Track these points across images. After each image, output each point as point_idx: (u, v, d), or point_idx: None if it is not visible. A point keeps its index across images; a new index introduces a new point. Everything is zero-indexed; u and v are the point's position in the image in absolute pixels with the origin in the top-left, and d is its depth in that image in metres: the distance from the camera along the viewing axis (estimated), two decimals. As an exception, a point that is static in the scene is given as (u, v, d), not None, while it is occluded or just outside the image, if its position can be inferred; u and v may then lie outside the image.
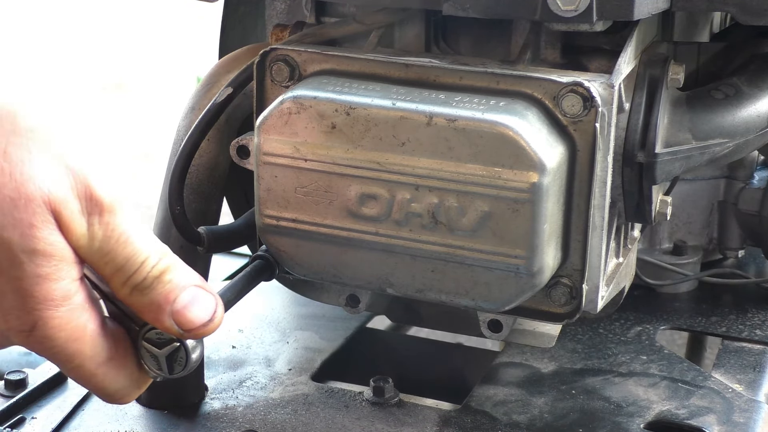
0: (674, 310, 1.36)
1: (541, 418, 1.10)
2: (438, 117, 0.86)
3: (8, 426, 1.08)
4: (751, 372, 1.20)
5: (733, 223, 1.38)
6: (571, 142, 0.88)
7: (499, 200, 0.85)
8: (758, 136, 1.05)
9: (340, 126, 0.88)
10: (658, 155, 0.96)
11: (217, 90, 1.04)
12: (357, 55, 0.94)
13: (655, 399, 1.13)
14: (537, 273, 0.87)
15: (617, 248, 1.02)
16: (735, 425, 1.08)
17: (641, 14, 0.89)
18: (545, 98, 0.88)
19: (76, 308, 0.72)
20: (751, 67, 1.09)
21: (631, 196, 0.97)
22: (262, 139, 0.91)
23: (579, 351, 1.24)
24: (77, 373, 0.75)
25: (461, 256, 0.88)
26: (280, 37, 1.03)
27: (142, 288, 0.74)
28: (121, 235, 0.73)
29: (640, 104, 0.96)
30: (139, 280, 0.73)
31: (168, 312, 0.74)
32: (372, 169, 0.88)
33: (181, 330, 0.74)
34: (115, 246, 0.73)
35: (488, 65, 0.91)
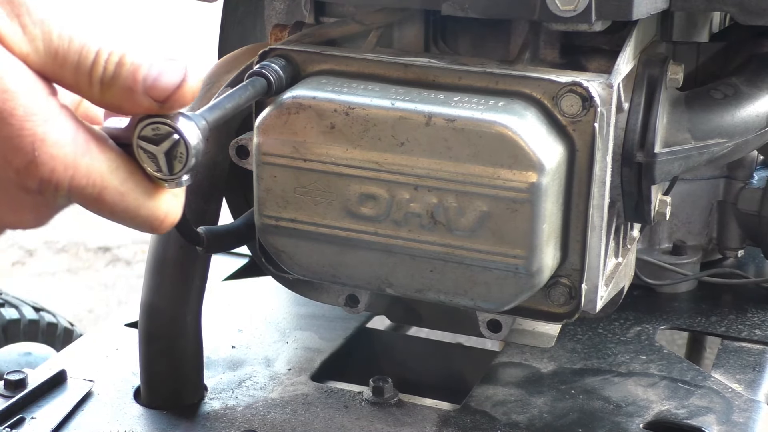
0: (674, 309, 1.36)
1: (540, 417, 1.10)
2: (437, 117, 0.86)
3: (8, 426, 1.08)
4: (751, 372, 1.20)
5: (733, 223, 1.38)
6: (570, 142, 0.88)
7: (498, 200, 0.85)
8: (757, 136, 1.05)
9: (339, 126, 0.88)
10: (657, 155, 0.96)
11: (216, 90, 1.04)
12: (356, 55, 0.94)
13: (655, 399, 1.13)
14: (536, 273, 0.87)
15: (616, 248, 1.02)
16: (734, 425, 1.08)
17: (640, 14, 0.89)
18: (544, 98, 0.88)
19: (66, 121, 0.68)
20: (750, 67, 1.09)
21: (630, 196, 0.97)
22: (262, 140, 0.91)
23: (578, 351, 1.24)
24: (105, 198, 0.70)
25: (460, 256, 0.88)
26: (279, 37, 1.03)
27: (107, 78, 0.69)
28: (61, 30, 0.69)
29: (639, 104, 0.96)
30: (101, 71, 0.69)
31: (140, 91, 0.70)
32: (371, 169, 0.88)
33: (159, 102, 0.70)
34: (60, 42, 0.68)
35: (487, 65, 0.91)
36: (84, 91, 0.70)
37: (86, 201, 0.70)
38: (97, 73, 0.69)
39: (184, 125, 0.72)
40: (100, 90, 0.70)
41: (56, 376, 1.16)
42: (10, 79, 0.66)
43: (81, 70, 0.69)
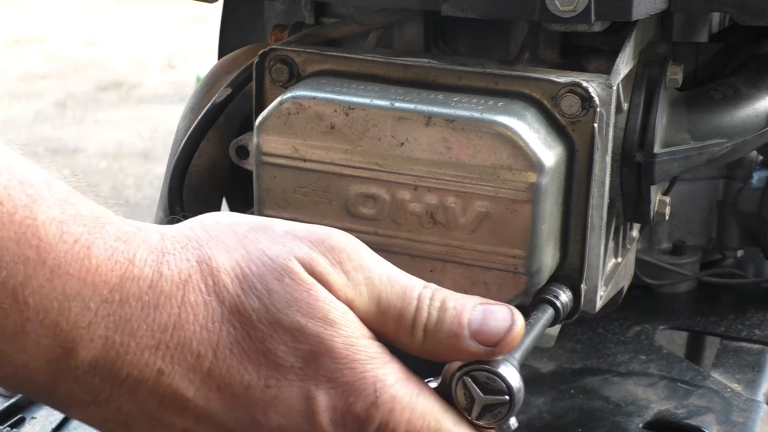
0: (673, 309, 1.36)
1: (540, 417, 1.10)
2: (437, 117, 0.86)
3: (8, 426, 1.08)
4: (750, 372, 1.20)
5: (732, 223, 1.38)
6: (570, 143, 0.88)
7: (497, 200, 0.85)
8: (757, 136, 1.05)
9: (339, 126, 0.88)
10: (656, 155, 0.96)
11: (216, 90, 1.04)
12: (356, 56, 0.94)
13: (654, 398, 1.13)
14: (535, 273, 0.87)
15: (616, 248, 1.02)
16: (734, 425, 1.08)
17: (640, 15, 0.89)
18: (544, 98, 0.88)
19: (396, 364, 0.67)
20: (750, 67, 1.10)
21: (629, 196, 0.97)
22: (262, 140, 0.91)
23: (578, 351, 1.24)
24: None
25: (460, 256, 0.88)
26: (279, 38, 1.03)
27: (432, 326, 0.67)
28: (381, 275, 0.68)
29: (639, 104, 0.96)
30: (425, 317, 0.67)
31: (467, 336, 0.67)
32: (371, 169, 0.88)
33: (489, 347, 0.67)
34: (381, 287, 0.67)
35: (487, 66, 0.91)
36: (404, 338, 0.68)
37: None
38: (420, 319, 0.68)
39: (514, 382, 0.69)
40: (424, 338, 0.68)
41: (56, 375, 1.16)
42: (348, 326, 0.65)
43: (404, 316, 0.68)
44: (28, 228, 0.59)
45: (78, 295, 0.60)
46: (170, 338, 0.63)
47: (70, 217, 0.61)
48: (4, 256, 0.58)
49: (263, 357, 0.64)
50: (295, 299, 0.64)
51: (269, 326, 0.64)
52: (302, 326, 0.64)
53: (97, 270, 0.61)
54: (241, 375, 0.64)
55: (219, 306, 0.64)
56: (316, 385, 0.64)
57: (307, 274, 0.65)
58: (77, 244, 0.61)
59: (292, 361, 0.64)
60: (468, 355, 0.68)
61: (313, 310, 0.65)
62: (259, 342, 0.64)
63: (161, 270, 0.63)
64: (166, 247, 0.65)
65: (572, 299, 0.91)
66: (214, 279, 0.64)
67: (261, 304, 0.64)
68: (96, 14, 6.47)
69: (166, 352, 0.63)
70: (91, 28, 6.13)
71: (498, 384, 0.69)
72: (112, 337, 0.61)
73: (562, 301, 0.90)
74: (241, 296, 0.64)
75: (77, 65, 5.43)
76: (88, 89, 5.04)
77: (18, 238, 0.59)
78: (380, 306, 0.68)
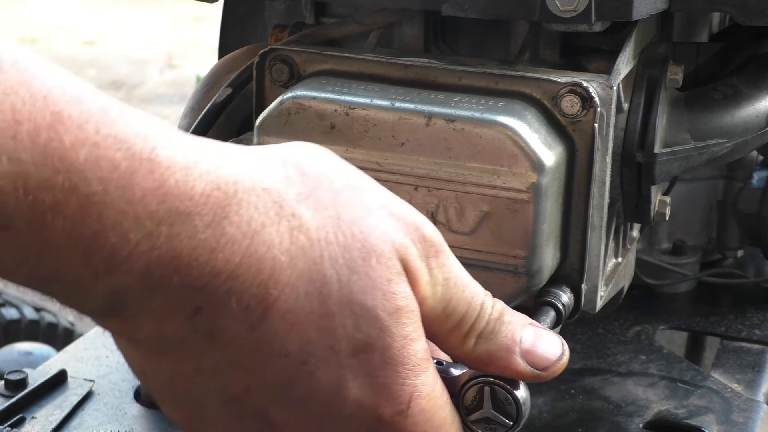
0: (673, 309, 1.36)
1: (540, 417, 1.10)
2: (437, 117, 0.86)
3: (8, 426, 1.08)
4: (750, 372, 1.20)
5: (732, 223, 1.38)
6: (570, 143, 0.88)
7: (497, 200, 0.85)
8: (757, 136, 1.05)
9: (339, 126, 0.88)
10: (656, 155, 0.96)
11: (216, 90, 1.04)
12: (356, 56, 0.94)
13: (654, 398, 1.14)
14: (536, 273, 0.87)
15: (616, 248, 1.02)
16: (734, 425, 1.08)
17: (640, 15, 0.89)
18: (544, 98, 0.88)
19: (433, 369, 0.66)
20: (750, 67, 1.10)
21: (630, 196, 0.97)
22: (262, 140, 0.91)
23: (578, 351, 1.24)
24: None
25: (460, 255, 0.88)
26: (279, 38, 1.03)
27: (487, 334, 0.67)
28: (457, 278, 0.66)
29: (639, 104, 0.96)
30: (483, 325, 0.66)
31: (518, 353, 0.67)
32: (371, 170, 0.88)
33: (536, 370, 0.67)
34: (455, 290, 0.66)
35: (487, 66, 0.91)
36: (455, 341, 0.67)
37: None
38: (479, 326, 0.66)
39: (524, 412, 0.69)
40: (475, 343, 0.67)
41: (56, 376, 1.16)
42: (411, 325, 0.63)
43: (465, 321, 0.66)
44: (54, 151, 0.53)
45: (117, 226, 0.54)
46: (220, 284, 0.57)
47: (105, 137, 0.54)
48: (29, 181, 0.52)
49: (315, 333, 0.60)
50: (374, 285, 0.61)
51: (337, 304, 0.60)
52: (370, 315, 0.61)
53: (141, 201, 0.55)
54: (283, 343, 0.60)
55: (289, 268, 0.59)
56: (353, 378, 0.62)
57: (395, 260, 0.62)
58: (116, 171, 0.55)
59: (343, 345, 0.61)
60: (514, 371, 0.68)
61: (387, 302, 0.61)
62: (318, 316, 0.60)
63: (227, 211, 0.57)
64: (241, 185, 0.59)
65: (573, 300, 0.91)
66: (293, 237, 0.59)
67: (337, 279, 0.60)
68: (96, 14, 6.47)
69: (211, 294, 0.57)
70: (91, 28, 6.13)
71: (511, 409, 0.69)
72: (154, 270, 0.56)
73: (564, 303, 0.90)
74: (318, 264, 0.60)
75: (77, 65, 5.43)
76: (88, 89, 5.04)
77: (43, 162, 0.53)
78: (447, 309, 0.66)
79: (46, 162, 0.53)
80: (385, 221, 0.63)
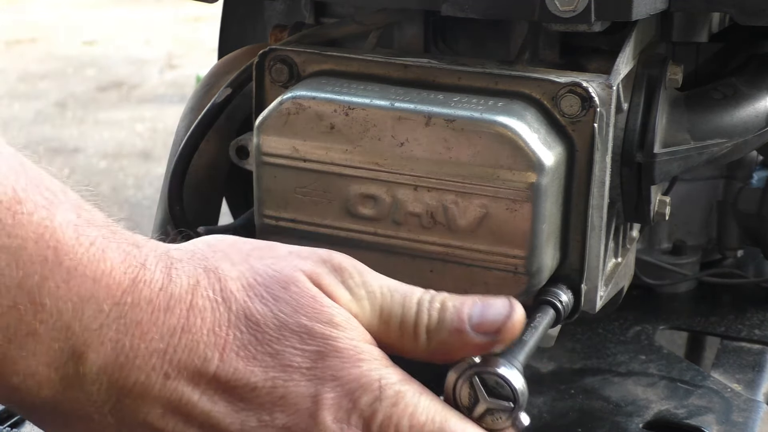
0: (673, 309, 1.36)
1: (540, 417, 1.10)
2: (437, 117, 0.86)
3: (8, 426, 1.08)
4: (750, 372, 1.20)
5: (732, 223, 1.38)
6: (570, 143, 0.88)
7: (497, 200, 0.85)
8: (757, 136, 1.05)
9: (339, 126, 0.88)
10: (656, 155, 0.96)
11: (216, 90, 1.04)
12: (356, 56, 0.94)
13: (654, 398, 1.14)
14: (535, 273, 0.87)
15: (616, 248, 1.02)
16: (734, 425, 1.08)
17: (639, 15, 0.89)
18: (544, 98, 0.88)
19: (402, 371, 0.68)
20: (750, 67, 1.10)
21: (629, 196, 0.97)
22: (262, 140, 0.91)
23: (578, 351, 1.24)
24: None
25: (460, 256, 0.88)
26: (279, 38, 1.03)
27: (433, 325, 0.69)
28: (381, 287, 0.70)
29: (639, 104, 0.96)
30: (425, 319, 0.69)
31: (469, 330, 0.69)
32: (371, 170, 0.88)
33: (492, 336, 0.69)
34: (382, 299, 0.69)
35: (487, 66, 0.91)
36: (408, 344, 0.70)
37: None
38: (422, 321, 0.69)
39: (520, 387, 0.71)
40: (427, 339, 0.69)
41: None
42: (353, 330, 0.67)
43: (406, 321, 0.69)
44: (46, 229, 0.60)
45: (92, 297, 0.61)
46: (178, 342, 0.63)
47: (85, 221, 0.62)
48: (22, 256, 0.59)
49: (270, 358, 0.65)
50: (301, 305, 0.66)
51: (276, 329, 0.65)
52: (309, 328, 0.65)
53: (111, 272, 0.62)
54: (248, 377, 0.64)
55: (226, 311, 0.65)
56: (323, 384, 0.65)
57: (312, 284, 0.67)
58: (93, 246, 0.62)
59: (300, 361, 0.65)
60: (473, 347, 0.69)
61: (319, 315, 0.66)
62: (266, 344, 0.65)
63: (171, 275, 0.65)
64: (174, 255, 0.66)
65: (573, 299, 0.92)
66: (222, 285, 0.66)
67: (268, 310, 0.66)
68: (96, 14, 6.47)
69: (173, 356, 0.63)
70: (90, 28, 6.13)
71: (505, 390, 0.70)
72: (123, 340, 0.62)
73: (563, 302, 0.90)
74: (248, 302, 0.66)
75: (77, 65, 5.43)
76: (88, 89, 5.04)
77: (36, 239, 0.59)
78: (382, 317, 0.69)
79: (39, 238, 0.60)
80: (293, 260, 0.69)
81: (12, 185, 0.59)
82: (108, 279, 0.62)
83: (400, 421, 0.66)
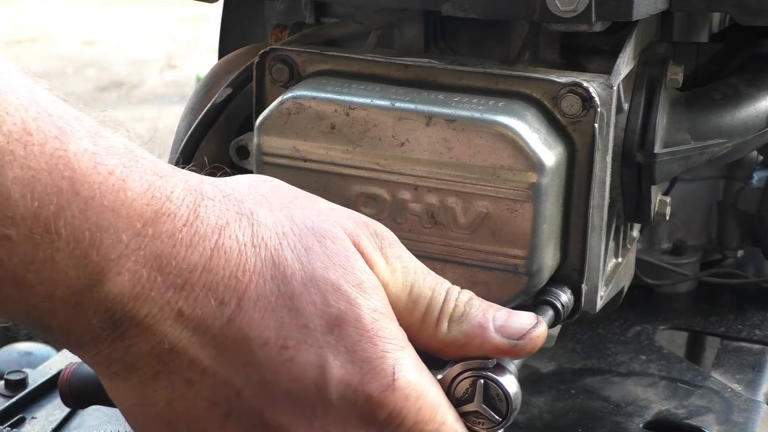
0: (673, 309, 1.36)
1: (540, 417, 1.10)
2: (437, 117, 0.86)
3: (8, 426, 1.08)
4: (750, 372, 1.20)
5: (733, 223, 1.38)
6: (570, 143, 0.88)
7: (498, 200, 0.85)
8: (757, 136, 1.05)
9: (340, 126, 0.88)
10: (657, 155, 0.96)
11: (216, 90, 1.04)
12: (356, 56, 0.94)
13: (654, 398, 1.14)
14: (536, 273, 0.87)
15: (616, 248, 1.02)
16: (734, 425, 1.08)
17: (640, 15, 0.89)
18: (544, 98, 0.88)
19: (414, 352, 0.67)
20: (750, 67, 1.10)
21: (630, 196, 0.97)
22: (262, 140, 0.91)
23: (578, 351, 1.24)
24: None
25: (461, 256, 0.88)
26: (279, 38, 1.03)
27: (458, 316, 0.69)
28: (416, 267, 0.69)
29: (639, 104, 0.96)
30: (452, 308, 0.69)
31: (492, 329, 0.69)
32: (371, 170, 0.88)
33: (514, 342, 0.69)
34: (416, 277, 0.69)
35: (487, 66, 0.91)
36: (428, 329, 0.69)
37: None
38: (448, 309, 0.69)
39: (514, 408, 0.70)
40: (449, 327, 0.69)
41: (56, 376, 1.16)
42: (379, 300, 0.65)
43: (433, 305, 0.69)
44: (60, 159, 0.58)
45: (111, 227, 0.59)
46: (197, 279, 0.61)
47: (103, 148, 0.60)
48: (36, 187, 0.57)
49: (288, 314, 0.63)
50: (333, 262, 0.64)
51: (302, 283, 0.63)
52: (336, 286, 0.64)
53: (132, 203, 0.59)
54: (260, 330, 0.62)
55: (254, 256, 0.63)
56: (334, 355, 0.63)
57: (350, 243, 0.66)
58: (112, 176, 0.59)
59: (317, 323, 0.63)
60: (492, 348, 0.69)
61: (349, 275, 0.64)
62: (287, 298, 0.63)
63: (198, 211, 0.62)
64: (206, 192, 0.63)
65: (573, 300, 0.92)
66: (254, 230, 0.63)
67: (298, 261, 0.63)
68: (95, 14, 6.47)
69: (190, 293, 0.61)
70: (90, 28, 6.13)
71: (501, 405, 0.69)
72: (140, 271, 0.60)
73: (563, 303, 0.90)
74: (279, 249, 0.63)
75: (77, 65, 5.43)
76: (88, 89, 5.04)
77: (50, 169, 0.57)
78: (411, 295, 0.69)
79: (53, 169, 0.57)
80: (335, 216, 0.68)
81: (21, 116, 0.57)
82: (128, 209, 0.59)
83: (407, 416, 0.65)
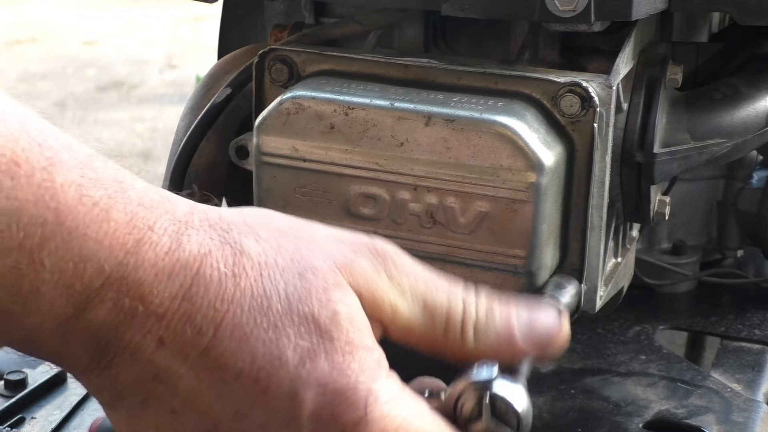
0: (673, 309, 1.36)
1: (540, 417, 1.10)
2: (436, 117, 0.86)
3: (8, 426, 1.08)
4: (750, 372, 1.20)
5: (732, 222, 1.38)
6: (570, 142, 0.88)
7: (497, 200, 0.86)
8: (757, 136, 1.05)
9: (339, 126, 0.88)
10: (656, 155, 0.96)
11: (216, 90, 1.04)
12: (356, 56, 0.94)
13: (654, 398, 1.14)
14: (535, 273, 0.87)
15: (616, 248, 1.02)
16: (734, 425, 1.08)
17: (639, 14, 0.89)
18: (543, 98, 0.88)
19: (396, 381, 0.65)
20: (750, 67, 1.10)
21: (629, 196, 0.97)
22: (261, 140, 0.91)
23: (578, 351, 1.24)
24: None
25: (460, 255, 0.89)
26: (279, 38, 1.03)
27: (482, 326, 0.67)
28: (425, 278, 0.67)
29: (639, 104, 0.96)
30: (473, 317, 0.67)
31: (520, 339, 0.68)
32: (371, 169, 0.88)
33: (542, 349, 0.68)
34: (426, 289, 0.67)
35: (487, 66, 0.91)
36: (454, 341, 0.67)
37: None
38: (470, 318, 0.67)
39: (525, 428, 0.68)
40: (475, 337, 0.67)
41: (56, 376, 1.16)
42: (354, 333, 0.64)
43: (453, 316, 0.67)
44: (47, 190, 0.59)
45: (93, 257, 0.60)
46: (177, 308, 0.62)
47: (90, 180, 0.61)
48: (22, 218, 0.58)
49: (262, 346, 0.62)
50: (310, 294, 0.64)
51: (278, 315, 0.63)
52: (311, 320, 0.63)
53: (114, 233, 0.60)
54: (235, 360, 0.62)
55: (233, 286, 0.63)
56: (305, 389, 0.63)
57: (334, 273, 0.65)
58: (96, 207, 0.60)
59: (290, 355, 0.63)
60: (521, 356, 0.68)
61: (324, 308, 0.64)
62: (263, 329, 0.63)
63: (180, 240, 0.62)
64: (192, 222, 0.64)
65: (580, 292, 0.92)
66: (236, 260, 0.63)
67: (276, 292, 0.63)
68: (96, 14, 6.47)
69: (170, 322, 0.62)
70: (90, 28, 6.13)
71: (511, 421, 0.68)
72: (123, 300, 0.61)
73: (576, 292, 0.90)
74: (259, 281, 0.63)
75: (77, 65, 5.43)
76: (88, 89, 5.04)
77: (36, 200, 0.58)
78: (426, 308, 0.67)
79: (39, 200, 0.58)
80: (329, 247, 0.66)
81: (11, 147, 0.58)
82: (111, 239, 0.60)
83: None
